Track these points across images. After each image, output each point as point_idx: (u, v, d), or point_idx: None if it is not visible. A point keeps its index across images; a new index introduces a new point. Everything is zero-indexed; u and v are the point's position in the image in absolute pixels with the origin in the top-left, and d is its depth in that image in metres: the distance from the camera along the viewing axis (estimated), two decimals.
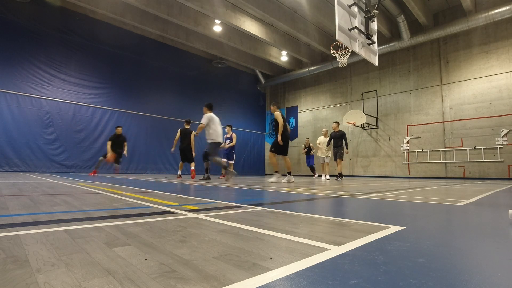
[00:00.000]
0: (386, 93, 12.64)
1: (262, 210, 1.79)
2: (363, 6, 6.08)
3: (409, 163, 11.72)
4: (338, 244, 0.98)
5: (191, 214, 1.59)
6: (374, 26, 6.40)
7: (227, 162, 8.84)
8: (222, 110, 15.00)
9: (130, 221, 1.36)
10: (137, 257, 0.81)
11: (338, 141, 8.25)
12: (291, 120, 16.46)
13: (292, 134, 16.30)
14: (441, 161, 10.94)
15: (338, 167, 8.23)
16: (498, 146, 9.74)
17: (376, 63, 6.58)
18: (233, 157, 8.94)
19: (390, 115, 12.42)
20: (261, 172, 16.88)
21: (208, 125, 6.32)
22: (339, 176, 8.16)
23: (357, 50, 5.82)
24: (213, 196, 2.78)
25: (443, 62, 11.15)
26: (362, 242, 1.01)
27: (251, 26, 11.62)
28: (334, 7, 5.26)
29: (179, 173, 7.72)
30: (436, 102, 11.24)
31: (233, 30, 12.42)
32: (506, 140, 9.60)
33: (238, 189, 3.89)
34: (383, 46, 11.84)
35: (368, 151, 12.98)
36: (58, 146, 10.03)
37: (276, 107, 6.40)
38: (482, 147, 10.03)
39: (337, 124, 8.45)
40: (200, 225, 1.30)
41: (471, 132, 10.33)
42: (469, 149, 10.32)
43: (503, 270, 0.74)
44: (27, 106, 9.52)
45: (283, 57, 14.55)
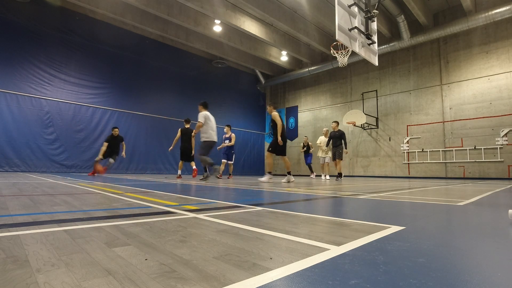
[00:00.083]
0: (386, 93, 12.64)
1: (262, 210, 1.79)
2: (363, 6, 6.09)
3: (409, 163, 11.72)
4: (338, 244, 0.98)
5: (191, 214, 1.59)
6: (374, 26, 6.40)
7: (227, 162, 8.83)
8: (222, 110, 15.03)
9: (130, 221, 1.36)
10: (137, 257, 0.81)
11: (337, 140, 8.21)
12: (291, 120, 16.45)
13: (292, 134, 16.30)
14: (441, 161, 10.94)
15: (338, 167, 8.19)
16: (498, 146, 9.74)
17: (376, 63, 6.58)
18: (232, 157, 8.91)
19: (390, 115, 12.42)
20: (261, 172, 16.88)
21: (204, 123, 6.35)
22: (339, 176, 8.14)
23: (357, 50, 5.82)
24: (213, 196, 2.78)
25: (443, 62, 11.16)
26: (362, 242, 1.01)
27: (251, 26, 11.62)
28: (334, 7, 5.26)
29: (179, 173, 7.73)
30: (436, 102, 11.24)
31: (233, 30, 12.42)
32: (506, 140, 9.61)
33: (238, 189, 3.89)
34: (383, 46, 11.84)
35: (368, 151, 12.98)
36: (58, 146, 10.04)
37: (272, 108, 6.40)
38: (482, 147, 10.03)
39: (336, 123, 8.41)
40: (200, 225, 1.30)
41: (471, 132, 10.33)
42: (469, 149, 10.32)
43: (503, 270, 0.74)
44: (27, 106, 9.52)
45: (283, 57, 14.55)
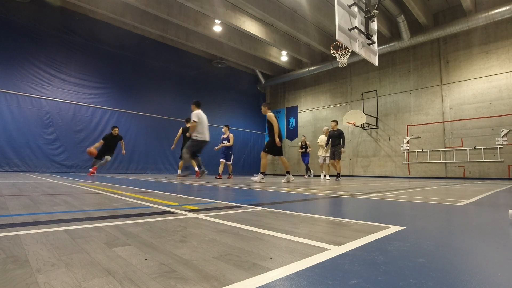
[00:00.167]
0: (386, 93, 12.64)
1: (262, 210, 1.79)
2: (363, 6, 6.08)
3: (409, 163, 11.72)
4: (338, 244, 0.98)
5: (191, 214, 1.59)
6: (374, 26, 6.40)
7: (225, 162, 8.80)
8: (222, 110, 15.04)
9: (130, 221, 1.36)
10: (137, 257, 0.81)
11: (336, 140, 8.12)
12: (291, 120, 16.45)
13: (292, 134, 16.31)
14: (441, 161, 10.94)
15: (338, 167, 8.14)
16: (498, 146, 9.74)
17: (376, 63, 6.58)
18: (230, 157, 8.87)
19: (390, 115, 12.42)
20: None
21: (198, 122, 6.36)
22: (338, 176, 8.10)
23: (357, 50, 5.82)
24: (213, 196, 2.78)
25: (443, 62, 11.15)
26: (362, 242, 1.01)
27: (251, 26, 11.62)
28: (334, 7, 5.26)
29: (179, 172, 7.73)
30: (436, 102, 11.24)
31: (233, 30, 12.42)
32: (506, 140, 9.60)
33: (238, 189, 3.89)
34: (383, 46, 11.83)
35: (368, 151, 12.97)
36: (58, 146, 10.03)
37: (267, 108, 6.40)
38: (482, 147, 10.03)
39: (335, 122, 8.35)
40: (200, 225, 1.30)
41: (471, 132, 10.33)
42: (469, 149, 10.32)
43: (503, 270, 0.74)
44: (27, 106, 9.52)
45: (283, 57, 14.55)
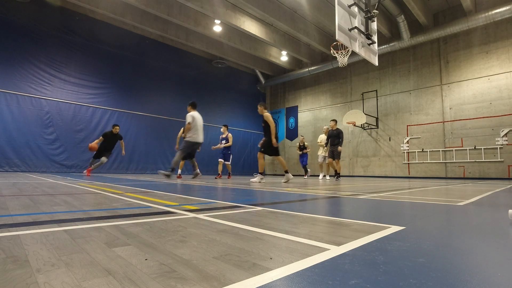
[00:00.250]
0: (386, 93, 12.64)
1: (262, 210, 1.79)
2: (363, 6, 6.09)
3: (409, 163, 11.72)
4: (338, 244, 0.98)
5: (191, 214, 1.59)
6: (374, 26, 6.40)
7: (224, 162, 8.80)
8: (222, 110, 15.05)
9: (130, 221, 1.36)
10: (137, 257, 0.81)
11: (335, 139, 8.08)
12: (291, 120, 16.45)
13: (292, 134, 16.31)
14: (441, 161, 10.94)
15: (337, 167, 8.13)
16: (498, 146, 9.74)
17: (376, 63, 6.58)
18: (229, 157, 8.84)
19: (390, 115, 12.42)
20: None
21: (192, 123, 6.36)
22: (337, 176, 8.09)
23: (357, 50, 5.82)
24: (213, 196, 2.78)
25: (443, 62, 11.15)
26: (362, 242, 1.01)
27: (251, 26, 11.62)
28: (334, 7, 5.26)
29: (179, 172, 7.72)
30: (436, 102, 11.24)
31: (233, 30, 12.42)
32: (506, 140, 9.60)
33: (238, 189, 3.89)
34: (383, 46, 11.83)
35: (368, 151, 12.97)
36: (58, 146, 10.03)
37: (263, 108, 6.41)
38: (482, 147, 10.03)
39: (334, 122, 8.31)
40: (200, 225, 1.30)
41: (471, 132, 10.33)
42: (469, 149, 10.32)
43: (503, 270, 0.74)
44: (27, 106, 9.52)
45: (283, 57, 14.55)
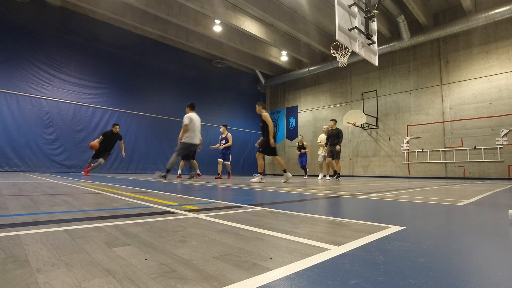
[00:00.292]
0: (386, 93, 12.64)
1: (262, 210, 1.79)
2: (363, 6, 6.09)
3: (409, 163, 11.72)
4: (338, 244, 0.98)
5: (191, 214, 1.59)
6: (374, 26, 6.40)
7: (223, 162, 8.79)
8: (222, 110, 15.05)
9: (130, 221, 1.36)
10: (137, 257, 0.81)
11: (334, 139, 8.06)
12: (291, 120, 16.45)
13: (292, 134, 16.30)
14: (441, 161, 10.94)
15: (337, 167, 8.13)
16: (498, 146, 9.74)
17: (376, 63, 6.58)
18: (229, 157, 8.83)
19: (390, 115, 12.42)
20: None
21: (189, 125, 6.35)
22: (338, 176, 8.09)
23: (357, 50, 5.82)
24: (213, 196, 2.78)
25: (443, 62, 11.15)
26: (362, 242, 1.01)
27: (251, 26, 11.61)
28: (334, 7, 5.26)
29: (179, 172, 7.73)
30: (436, 102, 11.24)
31: (233, 30, 12.42)
32: (506, 140, 9.60)
33: (238, 189, 3.89)
34: (383, 46, 11.83)
35: (368, 151, 12.97)
36: (58, 146, 10.03)
37: (262, 107, 6.41)
38: (482, 147, 10.03)
39: (334, 121, 8.29)
40: (200, 225, 1.30)
41: (471, 132, 10.33)
42: (469, 149, 10.32)
43: (503, 270, 0.74)
44: (27, 106, 9.52)
45: (283, 57, 14.55)
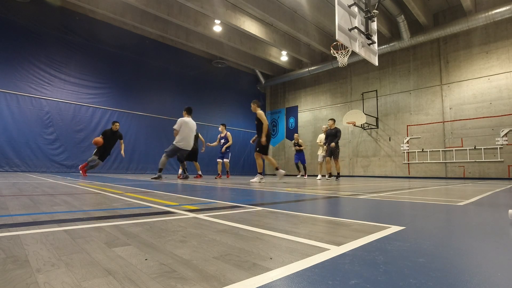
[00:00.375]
0: (386, 93, 12.64)
1: (262, 210, 1.79)
2: (363, 6, 6.09)
3: (409, 163, 11.72)
4: (338, 244, 0.98)
5: (191, 214, 1.59)
6: (374, 26, 6.41)
7: (223, 161, 8.78)
8: (222, 110, 15.05)
9: (130, 221, 1.36)
10: (137, 257, 0.81)
11: (333, 138, 8.05)
12: (291, 120, 16.44)
13: (292, 134, 16.28)
14: (441, 161, 10.94)
15: (337, 167, 8.12)
16: (498, 146, 9.74)
17: (376, 63, 6.58)
18: (228, 155, 8.80)
19: (390, 115, 12.41)
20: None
21: (180, 129, 6.34)
22: (337, 176, 8.08)
23: (357, 50, 5.82)
24: (213, 196, 2.78)
25: (443, 62, 11.15)
26: (362, 242, 1.01)
27: (251, 26, 11.61)
28: (334, 7, 5.26)
29: (180, 172, 7.73)
30: (436, 102, 11.24)
31: (233, 30, 12.41)
32: (506, 140, 9.60)
33: (238, 189, 3.89)
34: (383, 46, 11.83)
35: (368, 151, 12.97)
36: (58, 146, 10.03)
37: (256, 106, 6.39)
38: (482, 147, 10.03)
39: (332, 121, 8.28)
40: (200, 225, 1.30)
41: (471, 132, 10.33)
42: (469, 149, 10.32)
43: (503, 270, 0.74)
44: (27, 106, 9.52)
45: (283, 57, 14.55)
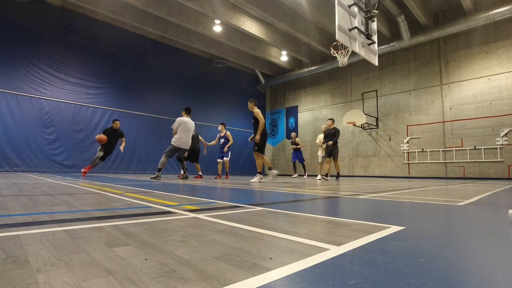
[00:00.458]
0: (386, 93, 12.64)
1: (262, 210, 1.79)
2: (363, 6, 6.09)
3: (409, 163, 11.71)
4: (338, 244, 0.98)
5: (191, 214, 1.59)
6: (374, 26, 6.40)
7: (223, 159, 8.76)
8: (222, 110, 15.05)
9: (130, 221, 1.36)
10: (137, 257, 0.81)
11: (331, 138, 8.05)
12: (291, 120, 16.44)
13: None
14: (441, 161, 10.94)
15: (336, 167, 8.12)
16: (498, 146, 9.73)
17: (376, 63, 6.58)
18: (228, 154, 8.79)
19: (390, 115, 12.41)
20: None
21: (178, 129, 6.33)
22: (337, 176, 8.08)
23: (357, 50, 5.82)
24: (213, 196, 2.78)
25: (443, 62, 11.15)
26: (362, 242, 1.01)
27: (251, 26, 11.61)
28: (334, 7, 5.26)
29: (181, 172, 7.72)
30: (436, 102, 11.24)
31: (233, 30, 12.41)
32: (506, 140, 9.60)
33: (238, 189, 3.89)
34: (383, 46, 11.83)
35: (368, 151, 12.97)
36: (58, 146, 10.03)
37: (253, 104, 6.39)
38: (482, 147, 10.03)
39: (331, 121, 8.28)
40: (200, 225, 1.30)
41: (471, 132, 10.33)
42: (469, 149, 10.32)
43: (503, 270, 0.74)
44: (27, 106, 9.52)
45: (283, 57, 14.55)
